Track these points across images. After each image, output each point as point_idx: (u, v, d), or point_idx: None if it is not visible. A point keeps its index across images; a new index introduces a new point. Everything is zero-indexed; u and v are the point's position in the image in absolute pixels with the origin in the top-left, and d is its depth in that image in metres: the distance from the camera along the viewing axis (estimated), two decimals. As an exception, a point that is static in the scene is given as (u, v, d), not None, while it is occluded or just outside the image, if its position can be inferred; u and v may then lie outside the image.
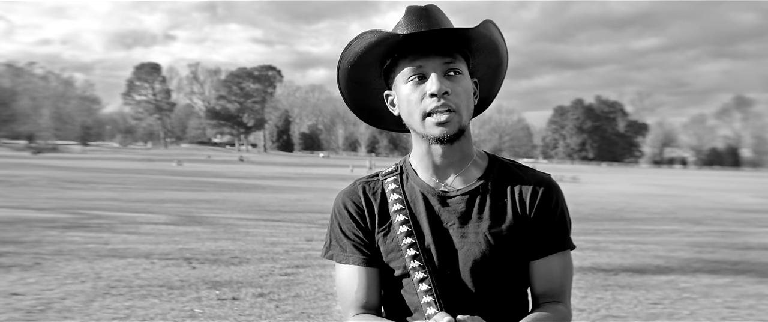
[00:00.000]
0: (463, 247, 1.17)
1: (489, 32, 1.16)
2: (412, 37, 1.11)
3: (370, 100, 1.28)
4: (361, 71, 1.21)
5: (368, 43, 1.13)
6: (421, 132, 1.16)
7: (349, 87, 1.25)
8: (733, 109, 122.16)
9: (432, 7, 1.15)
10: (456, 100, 1.12)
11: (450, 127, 1.12)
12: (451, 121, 1.12)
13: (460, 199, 1.20)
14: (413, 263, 1.16)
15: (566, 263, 1.22)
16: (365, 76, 1.23)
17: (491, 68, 1.26)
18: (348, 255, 1.23)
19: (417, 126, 1.16)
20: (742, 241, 9.77)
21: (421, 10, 1.13)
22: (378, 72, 1.22)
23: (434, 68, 1.12)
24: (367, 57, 1.17)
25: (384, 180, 1.27)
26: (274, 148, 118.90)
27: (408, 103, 1.16)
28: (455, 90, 1.13)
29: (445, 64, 1.13)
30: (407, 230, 1.18)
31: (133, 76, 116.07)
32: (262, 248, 7.41)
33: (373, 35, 1.12)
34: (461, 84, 1.14)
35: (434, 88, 1.11)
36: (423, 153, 1.21)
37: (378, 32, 1.11)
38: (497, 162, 1.26)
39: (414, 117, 1.15)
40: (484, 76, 1.26)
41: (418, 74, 1.14)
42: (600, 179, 47.21)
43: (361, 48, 1.15)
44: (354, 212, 1.24)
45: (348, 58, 1.18)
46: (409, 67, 1.14)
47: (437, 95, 1.11)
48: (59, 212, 11.33)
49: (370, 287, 1.21)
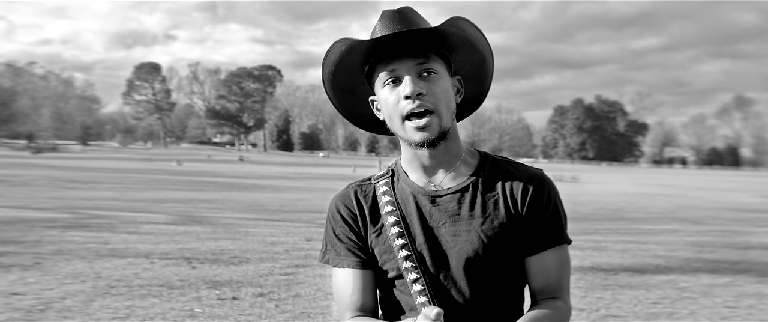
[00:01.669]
0: (455, 245, 1.16)
1: (458, 29, 1.14)
2: (382, 41, 1.11)
3: (360, 106, 1.28)
4: (343, 79, 1.22)
5: (340, 51, 1.14)
6: (403, 136, 1.16)
7: (337, 96, 1.26)
8: (733, 108, 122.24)
9: (406, 9, 1.14)
10: (432, 100, 1.11)
11: (430, 131, 1.12)
12: (431, 124, 1.11)
13: (451, 197, 1.19)
14: (406, 263, 1.16)
15: (562, 258, 1.21)
16: (350, 84, 1.23)
17: (474, 65, 1.24)
18: (342, 259, 1.23)
19: (398, 130, 1.16)
20: (742, 240, 9.77)
21: (395, 13, 1.13)
22: (361, 78, 1.22)
23: (408, 70, 1.12)
24: (344, 65, 1.18)
25: (376, 183, 1.27)
26: (274, 147, 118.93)
27: (387, 107, 1.16)
28: (431, 90, 1.12)
29: (418, 65, 1.13)
30: (399, 231, 1.18)
31: (133, 76, 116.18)
32: (262, 247, 7.41)
33: (343, 43, 1.13)
34: (437, 84, 1.13)
35: (408, 90, 1.10)
36: (411, 156, 1.21)
37: (347, 40, 1.13)
38: (488, 159, 1.25)
39: (394, 121, 1.15)
40: (468, 74, 1.25)
41: (392, 77, 1.14)
42: (600, 178, 47.21)
43: (335, 57, 1.16)
44: (347, 216, 1.24)
45: (327, 67, 1.19)
46: (384, 71, 1.14)
47: (412, 97, 1.11)
48: (59, 211, 11.34)
49: (365, 290, 1.21)
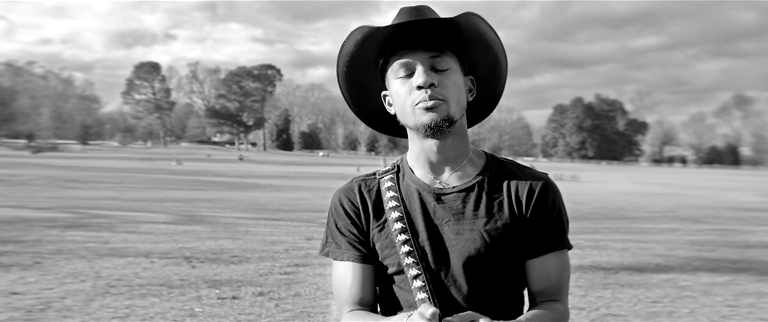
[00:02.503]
0: (457, 243, 1.16)
1: (473, 24, 1.16)
2: (399, 32, 1.13)
3: (372, 103, 1.29)
4: (358, 72, 1.23)
5: (356, 40, 1.16)
6: (413, 122, 1.16)
7: (350, 91, 1.27)
8: (733, 107, 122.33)
9: (423, 6, 1.16)
10: (443, 92, 1.13)
11: (438, 112, 1.13)
12: (439, 107, 1.13)
13: (456, 196, 1.20)
14: (407, 259, 1.16)
15: (563, 262, 1.22)
16: (363, 78, 1.24)
17: (488, 65, 1.25)
18: (343, 252, 1.23)
19: (408, 119, 1.17)
20: (741, 239, 9.77)
21: (412, 9, 1.15)
22: (375, 73, 1.24)
23: (421, 62, 1.14)
24: (360, 55, 1.19)
25: (381, 178, 1.27)
26: (274, 147, 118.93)
27: (398, 98, 1.17)
28: (443, 83, 1.13)
29: (432, 58, 1.14)
30: (402, 227, 1.18)
31: (133, 76, 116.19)
32: (261, 247, 7.41)
33: (359, 32, 1.15)
34: (450, 78, 1.15)
35: (420, 80, 1.12)
36: (418, 151, 1.22)
37: (364, 28, 1.14)
38: (494, 160, 1.26)
39: (405, 111, 1.16)
40: (483, 75, 1.26)
41: (405, 69, 1.15)
42: (600, 177, 47.22)
43: (352, 46, 1.17)
44: (350, 210, 1.24)
45: (343, 58, 1.20)
46: (397, 63, 1.16)
47: (424, 87, 1.12)
48: (59, 211, 11.34)
49: (365, 284, 1.21)
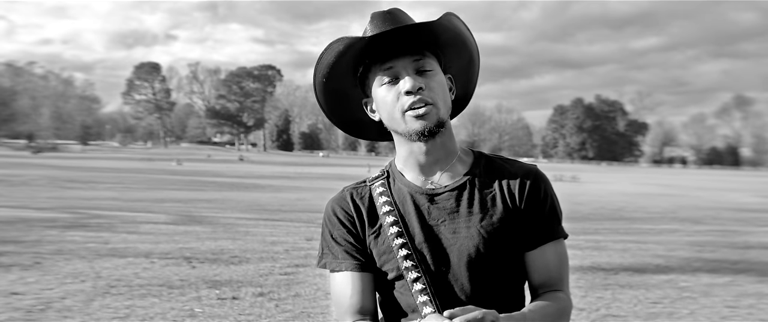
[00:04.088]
0: (455, 243, 1.16)
1: (452, 25, 1.17)
2: (378, 39, 1.12)
3: (350, 111, 1.28)
4: (336, 82, 1.22)
5: (337, 51, 1.15)
6: (403, 129, 1.16)
7: (328, 101, 1.26)
8: (733, 108, 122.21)
9: (395, 10, 1.17)
10: (431, 95, 1.14)
11: (429, 119, 1.13)
12: (430, 113, 1.13)
13: (449, 195, 1.20)
14: (406, 263, 1.15)
15: (561, 251, 1.22)
16: (342, 87, 1.24)
17: (463, 63, 1.26)
18: (340, 262, 1.22)
19: (398, 125, 1.17)
20: (742, 240, 9.77)
21: (385, 13, 1.15)
22: (353, 81, 1.23)
23: (405, 67, 1.14)
24: (339, 66, 1.18)
25: (371, 185, 1.27)
26: (274, 147, 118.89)
27: (385, 105, 1.17)
28: (429, 85, 1.14)
29: (415, 62, 1.15)
30: (398, 231, 1.18)
31: (133, 76, 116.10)
32: (261, 247, 7.41)
33: (340, 43, 1.14)
34: (434, 79, 1.15)
35: (408, 85, 1.12)
36: (406, 154, 1.22)
37: (345, 39, 1.13)
38: (482, 157, 1.27)
39: (394, 117, 1.16)
40: (458, 73, 1.27)
41: (390, 76, 1.15)
42: (600, 178, 47.21)
43: (331, 58, 1.16)
44: (344, 218, 1.23)
45: (322, 70, 1.19)
46: (380, 70, 1.16)
47: (412, 92, 1.12)
48: (59, 211, 11.34)
49: (365, 292, 1.20)
